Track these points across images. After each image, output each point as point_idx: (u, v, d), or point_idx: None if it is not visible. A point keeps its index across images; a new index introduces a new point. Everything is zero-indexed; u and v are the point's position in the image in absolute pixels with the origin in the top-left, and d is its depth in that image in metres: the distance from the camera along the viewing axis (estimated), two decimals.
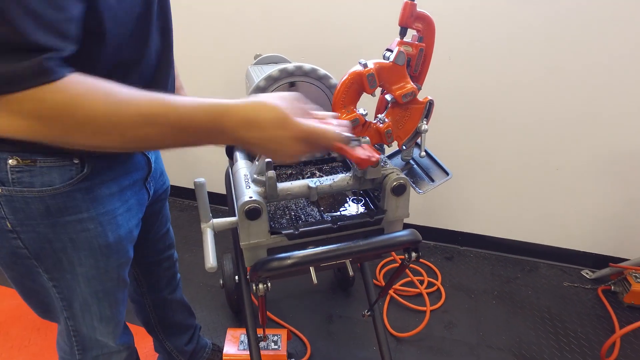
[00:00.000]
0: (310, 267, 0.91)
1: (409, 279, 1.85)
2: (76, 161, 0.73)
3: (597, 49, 1.54)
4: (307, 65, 1.04)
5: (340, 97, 0.84)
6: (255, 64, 1.31)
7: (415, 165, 0.99)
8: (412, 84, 0.85)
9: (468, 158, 1.89)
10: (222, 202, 1.53)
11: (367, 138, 0.80)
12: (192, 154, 2.35)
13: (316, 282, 0.92)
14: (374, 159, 0.71)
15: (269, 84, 1.00)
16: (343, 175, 0.88)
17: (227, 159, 1.10)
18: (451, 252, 2.10)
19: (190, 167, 2.42)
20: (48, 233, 0.75)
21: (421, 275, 1.90)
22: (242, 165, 0.95)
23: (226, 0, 1.86)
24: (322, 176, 0.93)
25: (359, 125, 0.87)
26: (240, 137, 0.59)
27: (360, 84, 0.82)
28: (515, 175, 1.88)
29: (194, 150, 2.34)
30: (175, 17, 0.86)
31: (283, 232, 0.83)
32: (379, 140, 0.90)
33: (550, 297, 1.82)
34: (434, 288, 1.84)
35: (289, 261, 0.76)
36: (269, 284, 0.82)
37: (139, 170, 0.90)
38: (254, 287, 0.81)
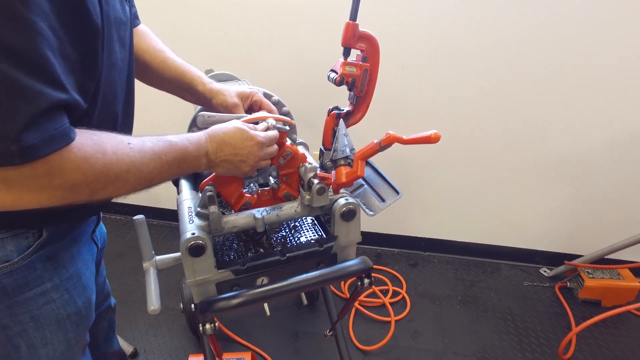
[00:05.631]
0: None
1: (376, 289, 1.85)
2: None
3: (548, 59, 1.59)
4: (262, 91, 1.01)
5: (225, 192, 0.82)
6: None
7: (366, 185, 0.98)
8: (286, 145, 0.82)
9: (426, 165, 1.91)
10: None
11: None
12: None
13: (269, 314, 0.89)
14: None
15: None
16: (290, 203, 0.86)
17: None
18: (415, 258, 2.12)
19: None
20: (2, 318, 0.64)
21: (385, 284, 1.90)
22: (187, 197, 0.91)
23: (175, 12, 1.79)
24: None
25: (256, 198, 0.87)
26: (216, 158, 0.69)
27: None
28: (472, 180, 1.91)
29: None
30: None
31: (229, 268, 0.79)
32: (282, 201, 0.88)
33: (511, 297, 1.86)
34: (399, 297, 1.85)
35: (235, 301, 0.73)
36: (217, 324, 0.79)
37: (89, 224, 0.84)
38: (201, 328, 0.77)
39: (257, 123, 0.79)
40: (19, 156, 0.43)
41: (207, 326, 0.77)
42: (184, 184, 0.98)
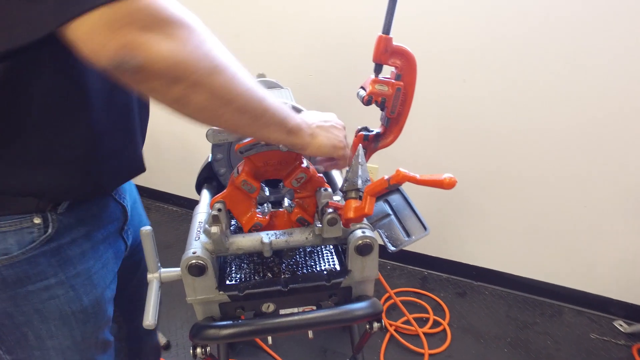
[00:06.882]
0: None
1: (411, 316, 1.72)
2: (37, 221, 0.64)
3: (629, 86, 1.35)
4: (289, 105, 0.96)
5: (235, 211, 0.78)
6: None
7: (393, 216, 0.88)
8: (301, 167, 0.75)
9: (487, 187, 1.73)
10: None
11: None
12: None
13: (270, 342, 0.84)
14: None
15: None
16: (302, 230, 0.79)
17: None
18: (464, 287, 1.94)
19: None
20: (7, 307, 0.66)
21: (427, 312, 1.76)
22: (203, 210, 0.89)
23: (231, 16, 1.81)
24: None
25: (268, 220, 0.81)
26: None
27: (241, 190, 0.75)
28: (539, 209, 1.70)
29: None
30: None
31: (228, 292, 0.75)
32: (296, 225, 0.82)
33: (573, 350, 1.62)
34: (440, 328, 1.70)
35: (225, 333, 0.69)
36: (209, 349, 0.75)
37: (113, 221, 0.82)
38: (192, 351, 0.74)
39: None
40: None
41: (198, 350, 0.74)
42: (205, 195, 0.97)
